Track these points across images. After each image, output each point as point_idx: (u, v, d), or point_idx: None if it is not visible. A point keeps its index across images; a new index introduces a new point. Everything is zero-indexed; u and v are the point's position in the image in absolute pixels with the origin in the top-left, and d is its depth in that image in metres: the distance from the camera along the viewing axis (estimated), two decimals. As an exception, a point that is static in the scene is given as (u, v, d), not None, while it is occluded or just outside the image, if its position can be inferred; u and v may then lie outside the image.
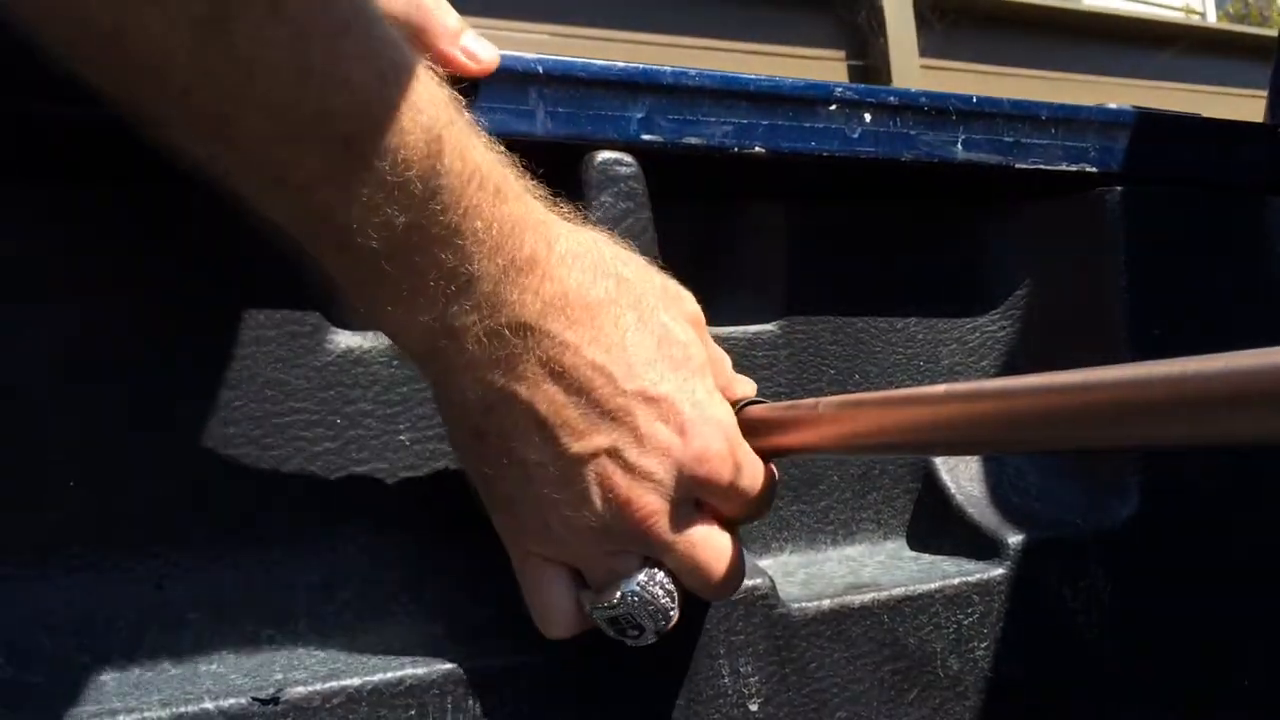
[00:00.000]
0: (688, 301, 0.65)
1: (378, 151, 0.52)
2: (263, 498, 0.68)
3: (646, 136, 0.70)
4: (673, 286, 0.64)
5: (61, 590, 0.62)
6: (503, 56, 0.67)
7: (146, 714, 0.56)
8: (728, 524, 0.63)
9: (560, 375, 0.57)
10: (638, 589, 0.61)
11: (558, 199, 0.62)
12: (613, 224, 0.69)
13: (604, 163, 0.69)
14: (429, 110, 0.53)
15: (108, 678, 0.61)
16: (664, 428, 0.58)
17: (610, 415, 0.57)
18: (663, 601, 0.61)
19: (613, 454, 0.58)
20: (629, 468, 0.58)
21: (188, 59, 0.47)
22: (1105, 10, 5.85)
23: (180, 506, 0.65)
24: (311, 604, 0.67)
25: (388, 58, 0.52)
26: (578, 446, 0.57)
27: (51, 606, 0.61)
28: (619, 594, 0.61)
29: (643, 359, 0.58)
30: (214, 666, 0.62)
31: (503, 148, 0.59)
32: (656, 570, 0.61)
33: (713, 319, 0.80)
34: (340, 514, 0.69)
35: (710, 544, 0.62)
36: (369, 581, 0.70)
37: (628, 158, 0.70)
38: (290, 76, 0.49)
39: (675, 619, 0.62)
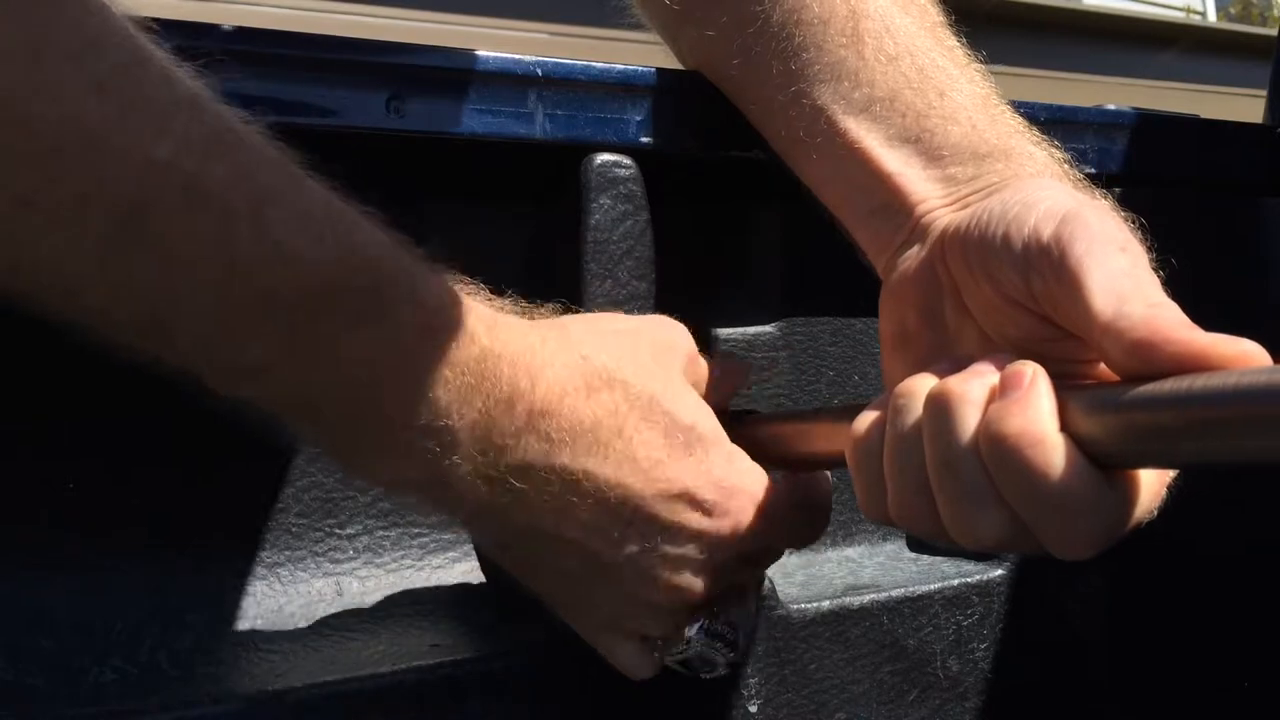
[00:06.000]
0: (679, 349, 0.63)
1: (324, 319, 0.49)
2: (264, 502, 0.68)
3: (645, 139, 0.70)
4: (661, 337, 0.62)
5: (61, 590, 0.62)
6: (502, 59, 0.67)
7: (146, 714, 0.56)
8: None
9: (579, 503, 0.57)
10: (702, 636, 0.63)
11: (535, 308, 0.59)
12: (612, 226, 0.69)
13: (603, 165, 0.69)
14: (373, 261, 0.51)
15: (108, 678, 0.61)
16: (693, 515, 0.59)
17: (638, 521, 0.58)
18: (729, 637, 0.63)
19: (649, 552, 0.58)
20: (667, 560, 0.59)
21: (99, 273, 0.44)
22: (1105, 10, 5.85)
23: (181, 509, 0.66)
24: (310, 605, 0.67)
25: (321, 216, 0.49)
26: (612, 555, 0.58)
27: (51, 606, 0.62)
28: (686, 645, 0.63)
29: (655, 460, 0.58)
30: (213, 667, 0.62)
31: (466, 279, 0.55)
32: (716, 613, 0.63)
33: (712, 320, 0.80)
34: (339, 516, 0.69)
35: (758, 573, 0.67)
36: (368, 582, 0.70)
37: (626, 160, 0.70)
38: (219, 264, 0.45)
39: (741, 646, 0.64)
